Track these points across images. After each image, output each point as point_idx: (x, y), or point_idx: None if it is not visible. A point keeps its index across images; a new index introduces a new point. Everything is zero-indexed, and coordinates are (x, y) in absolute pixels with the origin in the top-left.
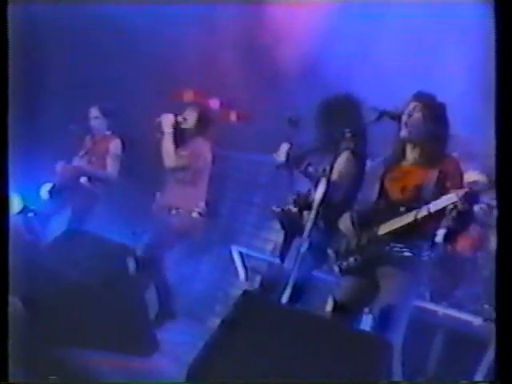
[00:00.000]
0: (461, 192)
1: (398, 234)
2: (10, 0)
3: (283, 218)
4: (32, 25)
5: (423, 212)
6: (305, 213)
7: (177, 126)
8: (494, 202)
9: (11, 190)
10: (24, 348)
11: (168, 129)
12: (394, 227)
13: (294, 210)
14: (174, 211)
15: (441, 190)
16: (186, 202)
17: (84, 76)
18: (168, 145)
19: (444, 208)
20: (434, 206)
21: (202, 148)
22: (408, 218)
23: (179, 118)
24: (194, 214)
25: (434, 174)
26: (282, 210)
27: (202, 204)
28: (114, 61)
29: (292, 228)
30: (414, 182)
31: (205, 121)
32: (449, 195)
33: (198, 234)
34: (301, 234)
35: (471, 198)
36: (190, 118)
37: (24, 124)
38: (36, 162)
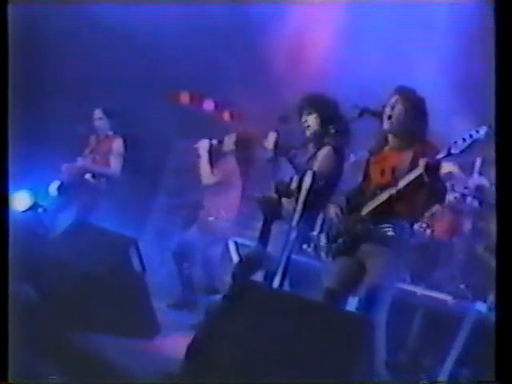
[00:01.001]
0: (422, 162)
1: (380, 214)
2: (9, 0)
3: (263, 204)
4: (32, 25)
5: (395, 188)
6: (284, 199)
7: (211, 149)
8: (466, 192)
9: (22, 188)
10: (37, 332)
11: (204, 153)
12: (373, 206)
13: (274, 196)
14: (211, 219)
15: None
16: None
17: (85, 77)
18: (204, 166)
19: (415, 184)
20: (403, 182)
21: (231, 165)
22: (384, 196)
23: (214, 142)
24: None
25: (408, 156)
26: (263, 196)
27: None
28: (113, 62)
29: (271, 213)
30: (391, 164)
31: (242, 145)
32: (415, 170)
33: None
34: (280, 218)
35: (434, 167)
36: (228, 142)
37: (32, 127)
38: (45, 162)
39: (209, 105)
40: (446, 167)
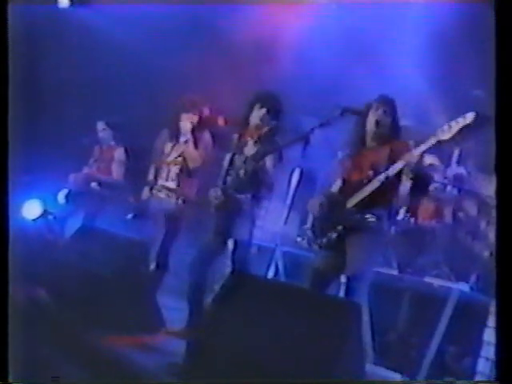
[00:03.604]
0: (406, 158)
1: (364, 206)
2: (9, 0)
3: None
4: (32, 25)
5: (380, 179)
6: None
7: (194, 129)
8: (446, 181)
9: (32, 198)
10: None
11: (189, 134)
12: (359, 198)
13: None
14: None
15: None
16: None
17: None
18: (191, 149)
19: (397, 176)
20: (390, 171)
21: (209, 142)
22: (369, 188)
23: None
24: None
25: (385, 152)
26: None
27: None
28: (113, 74)
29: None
30: (369, 161)
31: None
32: (400, 161)
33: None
34: None
35: (417, 162)
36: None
37: (39, 140)
38: (53, 172)
39: (205, 111)
40: (428, 159)
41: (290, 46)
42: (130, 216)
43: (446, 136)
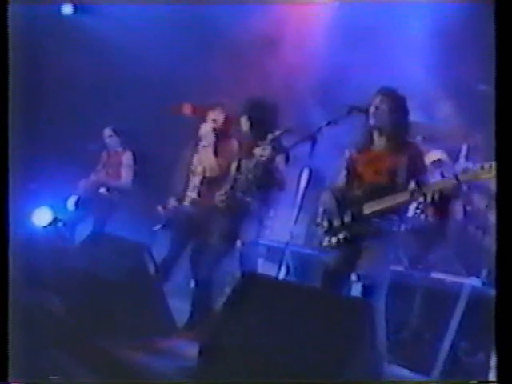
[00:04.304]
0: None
1: (381, 212)
2: (9, 0)
3: None
4: (36, 30)
5: (416, 193)
6: None
7: (218, 137)
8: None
9: (42, 205)
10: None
11: (210, 140)
12: (380, 207)
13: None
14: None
15: (411, 173)
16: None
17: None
18: (210, 156)
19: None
20: (429, 195)
21: (235, 150)
22: (399, 199)
23: (214, 125)
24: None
25: (404, 160)
26: None
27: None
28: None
29: None
30: (386, 166)
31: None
32: (441, 181)
33: None
34: None
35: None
36: (219, 120)
37: (47, 149)
38: (62, 179)
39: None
40: (435, 155)
41: (294, 46)
42: (158, 227)
43: (487, 176)
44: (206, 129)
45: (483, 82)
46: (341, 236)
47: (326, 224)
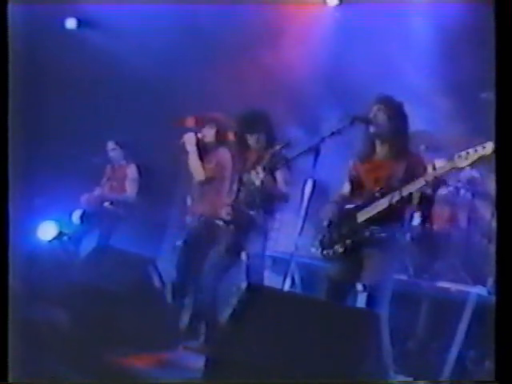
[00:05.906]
0: (428, 177)
1: (376, 220)
2: (9, 0)
3: None
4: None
5: (396, 196)
6: None
7: (199, 143)
8: (459, 185)
9: (47, 219)
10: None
11: (191, 147)
12: (372, 214)
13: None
14: (202, 218)
15: (409, 180)
16: (212, 209)
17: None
18: (194, 161)
19: (412, 193)
20: (406, 190)
21: (225, 157)
22: (384, 204)
23: (199, 135)
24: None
25: (402, 167)
26: None
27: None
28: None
29: None
30: (386, 173)
31: (223, 133)
32: (417, 181)
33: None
34: None
35: (436, 182)
36: (209, 134)
37: (50, 162)
38: (67, 193)
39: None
40: (439, 164)
41: (295, 45)
42: (179, 243)
43: (463, 164)
44: (188, 135)
45: (484, 86)
46: (344, 246)
47: (330, 234)
